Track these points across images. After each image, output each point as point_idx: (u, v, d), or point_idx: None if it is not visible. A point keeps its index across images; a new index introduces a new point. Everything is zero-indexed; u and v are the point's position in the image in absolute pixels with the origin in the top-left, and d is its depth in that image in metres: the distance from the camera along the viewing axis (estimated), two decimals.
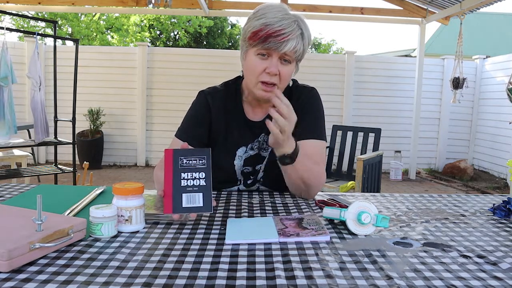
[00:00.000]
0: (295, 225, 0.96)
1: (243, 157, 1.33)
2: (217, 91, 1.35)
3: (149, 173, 6.10)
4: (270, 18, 1.15)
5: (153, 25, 15.53)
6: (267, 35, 1.14)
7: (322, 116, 1.36)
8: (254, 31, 1.17)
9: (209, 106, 1.32)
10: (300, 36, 1.17)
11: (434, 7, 5.94)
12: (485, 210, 1.17)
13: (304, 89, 1.37)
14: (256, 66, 1.20)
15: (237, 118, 1.33)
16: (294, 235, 0.90)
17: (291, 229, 0.93)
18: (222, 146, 1.32)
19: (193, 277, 0.70)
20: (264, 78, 1.20)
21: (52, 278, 0.68)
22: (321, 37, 25.82)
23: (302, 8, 6.15)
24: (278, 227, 0.95)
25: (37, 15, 11.69)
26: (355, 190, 3.27)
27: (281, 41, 1.14)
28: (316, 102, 1.35)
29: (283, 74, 1.20)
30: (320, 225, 0.96)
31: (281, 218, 1.02)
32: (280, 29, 1.14)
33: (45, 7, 6.57)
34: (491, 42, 12.52)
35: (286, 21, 1.15)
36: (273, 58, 1.18)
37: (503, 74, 6.11)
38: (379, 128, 3.87)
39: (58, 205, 1.07)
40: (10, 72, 3.13)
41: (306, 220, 1.00)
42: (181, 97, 6.29)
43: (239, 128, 1.33)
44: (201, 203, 0.94)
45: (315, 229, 0.93)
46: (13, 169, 4.14)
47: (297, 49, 1.18)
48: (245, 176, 1.34)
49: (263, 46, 1.16)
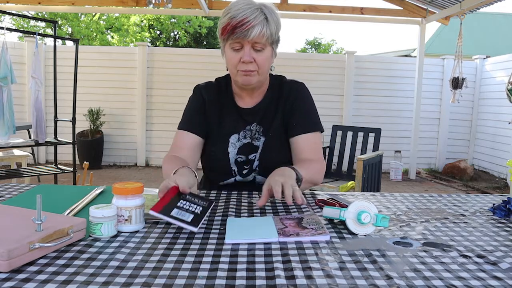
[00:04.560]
0: (295, 224, 0.96)
1: (236, 145, 1.38)
2: (210, 85, 1.44)
3: (149, 173, 6.10)
4: (233, 11, 1.23)
5: (153, 25, 15.52)
6: (232, 27, 1.22)
7: (314, 108, 1.43)
8: (222, 27, 1.26)
9: (203, 98, 1.41)
10: (264, 20, 1.23)
11: (434, 7, 5.94)
12: (485, 210, 1.17)
13: (294, 84, 1.43)
14: (231, 58, 1.28)
15: (229, 107, 1.41)
16: (294, 234, 0.90)
17: (291, 229, 0.93)
18: (216, 135, 1.39)
19: (193, 277, 0.70)
20: (241, 68, 1.27)
21: (52, 278, 0.68)
22: (321, 37, 25.84)
23: (302, 8, 6.15)
24: (278, 227, 0.95)
25: (37, 15, 11.69)
26: (355, 190, 3.27)
27: (246, 29, 1.20)
28: (306, 96, 1.42)
29: (259, 61, 1.27)
30: (320, 224, 0.96)
31: (281, 217, 1.02)
32: (243, 19, 1.21)
33: (45, 7, 6.57)
34: (491, 42, 12.51)
35: (249, 10, 1.22)
36: (245, 47, 1.24)
37: (503, 74, 6.11)
38: (379, 128, 3.87)
39: (58, 205, 1.07)
40: (10, 72, 3.13)
41: (306, 220, 1.00)
42: (181, 97, 6.19)
43: (231, 115, 1.40)
44: (189, 219, 0.91)
45: (315, 229, 0.93)
46: (13, 169, 4.14)
47: (264, 33, 1.23)
48: (239, 165, 1.38)
49: (232, 38, 1.23)
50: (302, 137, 1.36)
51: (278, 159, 1.36)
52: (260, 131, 1.38)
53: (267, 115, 1.39)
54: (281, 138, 1.39)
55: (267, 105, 1.40)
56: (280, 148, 1.38)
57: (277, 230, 0.93)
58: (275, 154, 1.37)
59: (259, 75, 1.30)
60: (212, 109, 1.40)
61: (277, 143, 1.38)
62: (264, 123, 1.39)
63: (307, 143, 1.36)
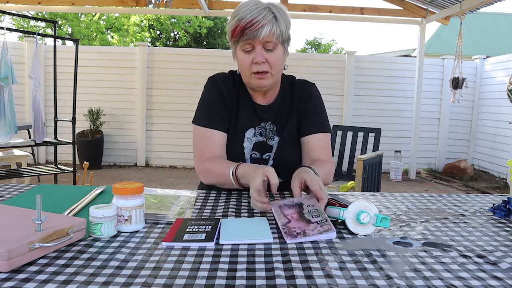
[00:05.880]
0: (297, 217, 0.95)
1: (252, 140, 1.37)
2: (226, 76, 1.41)
3: (149, 173, 6.10)
4: (242, 13, 1.22)
5: (153, 25, 15.53)
6: (242, 29, 1.21)
7: (324, 110, 1.44)
8: (232, 30, 1.25)
9: (221, 89, 1.37)
10: (273, 19, 1.22)
11: (434, 7, 5.94)
12: (485, 210, 1.17)
13: (306, 84, 1.43)
14: (244, 60, 1.27)
15: (245, 101, 1.39)
16: (301, 234, 0.89)
17: (295, 224, 0.92)
18: (232, 128, 1.37)
19: (193, 277, 0.70)
20: (254, 69, 1.26)
21: (52, 278, 0.68)
22: (321, 37, 25.85)
23: (302, 8, 6.15)
24: (281, 222, 0.94)
25: (37, 15, 11.69)
26: (355, 190, 3.27)
27: (256, 29, 1.19)
28: (317, 97, 1.43)
29: (272, 61, 1.25)
30: (322, 215, 0.95)
31: (280, 205, 1.01)
32: (251, 19, 1.20)
33: (45, 7, 6.57)
34: (491, 42, 12.51)
35: (256, 11, 1.21)
36: (256, 48, 1.23)
37: (503, 74, 6.11)
38: (379, 128, 3.87)
39: (58, 205, 1.07)
40: (10, 72, 3.13)
41: (306, 208, 0.98)
42: (181, 97, 6.29)
43: (247, 110, 1.38)
44: (203, 238, 0.88)
45: (319, 223, 0.92)
46: (13, 169, 4.14)
47: (274, 31, 1.22)
48: (253, 163, 1.36)
49: (242, 40, 1.23)
50: (313, 137, 1.37)
51: (292, 158, 1.37)
52: (274, 130, 1.38)
53: (281, 114, 1.39)
54: (294, 138, 1.39)
55: (281, 104, 1.39)
56: (294, 147, 1.38)
57: (282, 226, 0.92)
58: (289, 153, 1.37)
59: (273, 76, 1.28)
60: (230, 101, 1.37)
61: (291, 142, 1.38)
62: (278, 122, 1.38)
63: (318, 143, 1.37)
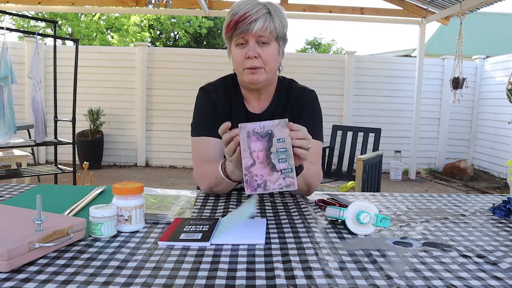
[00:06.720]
0: (263, 157, 0.95)
1: None
2: (218, 86, 1.39)
3: (149, 173, 6.10)
4: (235, 8, 1.23)
5: (153, 25, 15.52)
6: (235, 22, 1.21)
7: (320, 118, 1.40)
8: (226, 25, 1.25)
9: (214, 100, 1.36)
10: (267, 14, 1.22)
11: (434, 7, 5.94)
12: (485, 210, 1.17)
13: (304, 90, 1.40)
14: (237, 55, 1.26)
15: (238, 109, 1.37)
16: (261, 186, 0.91)
17: (258, 171, 0.93)
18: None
19: (193, 277, 0.70)
20: (247, 64, 1.25)
21: (52, 278, 0.68)
22: (321, 37, 25.87)
23: (302, 8, 6.15)
24: (245, 162, 0.94)
25: (37, 15, 11.69)
26: (355, 190, 3.27)
27: (249, 22, 1.20)
28: (314, 104, 1.39)
29: (264, 56, 1.24)
30: (289, 159, 0.94)
31: (248, 131, 0.96)
32: (245, 13, 1.20)
33: (45, 7, 6.57)
34: (491, 42, 12.51)
35: (250, 5, 1.22)
36: (250, 42, 1.23)
37: (503, 74, 6.11)
38: (379, 128, 3.87)
39: (58, 205, 1.07)
40: (10, 72, 3.13)
41: (275, 143, 0.95)
42: (181, 97, 6.28)
43: (239, 119, 1.35)
44: (199, 237, 0.88)
45: (284, 172, 0.93)
46: (13, 169, 4.14)
47: (267, 26, 1.22)
48: None
49: (235, 33, 1.23)
50: None
51: None
52: None
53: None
54: None
55: (274, 112, 1.37)
56: None
57: (245, 170, 0.93)
58: None
59: (266, 73, 1.27)
60: (223, 111, 1.36)
61: None
62: None
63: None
